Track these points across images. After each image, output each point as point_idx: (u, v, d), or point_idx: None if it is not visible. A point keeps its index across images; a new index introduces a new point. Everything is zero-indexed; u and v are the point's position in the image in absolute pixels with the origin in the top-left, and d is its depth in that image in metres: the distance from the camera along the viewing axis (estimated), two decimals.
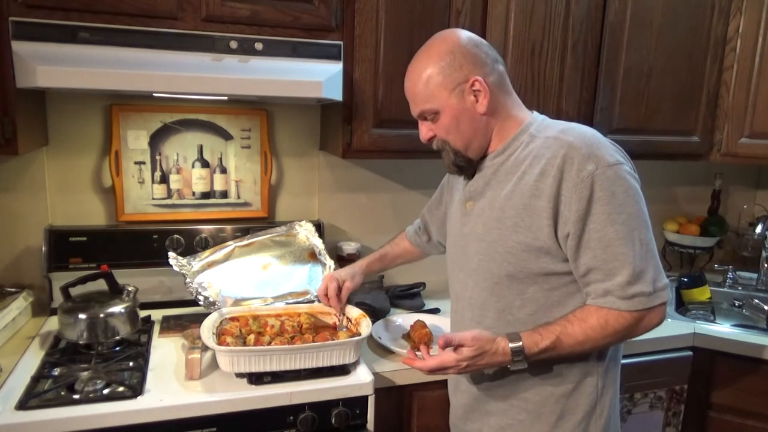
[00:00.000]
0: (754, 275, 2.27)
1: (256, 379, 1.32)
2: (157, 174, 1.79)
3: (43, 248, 1.66)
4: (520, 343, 1.09)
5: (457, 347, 1.12)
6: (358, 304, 1.61)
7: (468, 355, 1.10)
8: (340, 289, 1.48)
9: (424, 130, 1.21)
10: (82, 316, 1.43)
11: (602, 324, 1.07)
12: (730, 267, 2.30)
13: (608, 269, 1.05)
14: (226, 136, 1.85)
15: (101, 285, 1.50)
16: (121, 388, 1.27)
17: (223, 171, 1.86)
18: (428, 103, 1.16)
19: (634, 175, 1.09)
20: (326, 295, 1.49)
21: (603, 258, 1.05)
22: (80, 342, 1.43)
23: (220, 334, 1.38)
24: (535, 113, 1.21)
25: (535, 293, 1.13)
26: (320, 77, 1.48)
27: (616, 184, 1.04)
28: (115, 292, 1.51)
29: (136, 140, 1.76)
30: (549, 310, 1.13)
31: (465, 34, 1.17)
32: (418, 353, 1.20)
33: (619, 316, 1.06)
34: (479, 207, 1.20)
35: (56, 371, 1.34)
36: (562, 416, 1.16)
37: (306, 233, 1.81)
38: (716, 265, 2.37)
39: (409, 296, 1.92)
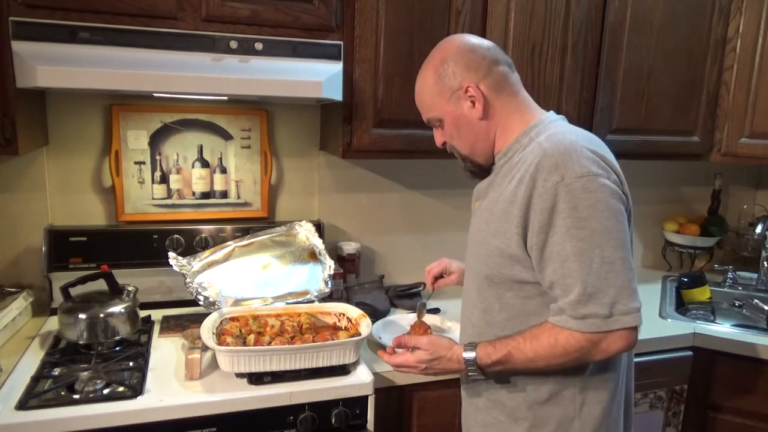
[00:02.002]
0: (754, 275, 2.27)
1: (256, 379, 1.32)
2: (157, 174, 1.79)
3: (43, 248, 1.66)
4: (473, 354, 1.12)
5: (413, 349, 1.20)
6: (358, 304, 1.61)
7: (423, 358, 1.18)
8: (442, 275, 1.52)
9: (437, 136, 1.25)
10: (82, 316, 1.43)
11: (552, 343, 1.05)
12: (730, 267, 2.30)
13: (564, 285, 1.02)
14: (226, 136, 1.85)
15: (101, 285, 1.50)
16: (121, 388, 1.27)
17: (223, 171, 1.86)
18: (432, 111, 1.20)
19: (612, 188, 1.02)
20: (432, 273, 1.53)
21: (561, 273, 1.02)
22: (80, 342, 1.43)
23: (220, 334, 1.38)
24: (549, 114, 1.18)
25: (511, 299, 1.13)
26: (320, 77, 1.48)
27: (580, 198, 1.00)
28: (115, 292, 1.51)
29: (136, 140, 1.76)
30: (526, 318, 1.12)
31: (462, 40, 1.17)
32: (398, 350, 1.27)
33: (569, 337, 1.03)
34: (482, 207, 1.20)
35: (56, 371, 1.34)
36: (534, 424, 1.14)
37: (306, 233, 1.81)
38: (716, 265, 2.37)
39: (409, 296, 1.92)
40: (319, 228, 1.89)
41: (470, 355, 1.12)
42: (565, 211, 1.00)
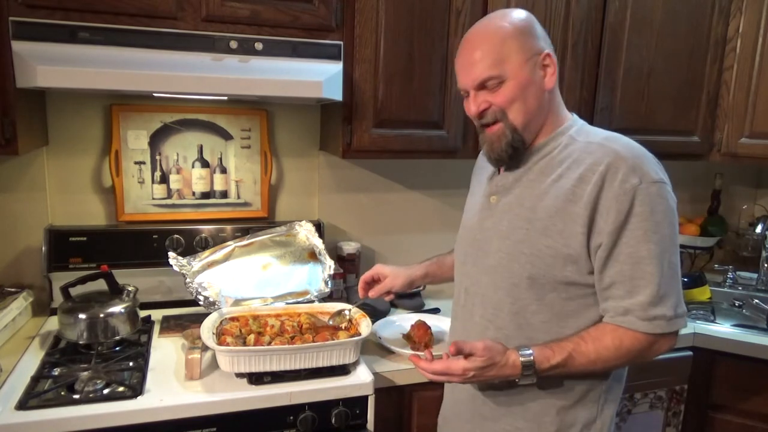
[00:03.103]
0: (754, 275, 2.27)
1: (256, 379, 1.32)
2: (157, 174, 1.79)
3: (43, 248, 1.66)
4: (531, 358, 1.06)
5: (467, 356, 1.08)
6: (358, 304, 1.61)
7: (477, 365, 1.07)
8: (374, 281, 1.44)
9: (479, 100, 1.10)
10: (82, 316, 1.42)
11: (617, 344, 1.05)
12: (730, 267, 2.30)
13: (632, 286, 1.03)
14: (226, 136, 1.85)
15: (101, 285, 1.50)
16: (121, 388, 1.27)
17: (223, 171, 1.86)
18: (497, 67, 1.07)
19: (674, 197, 1.08)
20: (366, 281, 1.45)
21: (630, 274, 1.03)
22: (80, 342, 1.43)
23: (220, 334, 1.38)
24: (575, 115, 1.18)
25: (552, 300, 1.10)
26: (320, 77, 1.48)
27: (657, 202, 1.03)
28: (115, 292, 1.51)
29: (136, 140, 1.76)
30: (563, 320, 1.10)
31: (528, 12, 1.15)
32: (420, 354, 1.16)
33: (634, 338, 1.04)
34: (505, 203, 1.16)
35: (56, 371, 1.34)
36: (560, 428, 1.14)
37: (306, 233, 1.81)
38: (716, 265, 2.37)
39: (409, 296, 1.92)
40: (319, 228, 1.89)
41: (528, 359, 1.06)
42: (642, 214, 1.02)
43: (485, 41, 1.09)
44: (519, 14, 1.12)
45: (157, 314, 1.69)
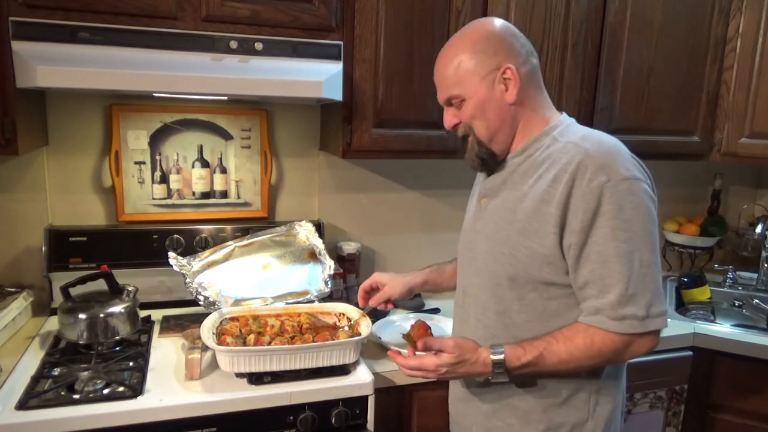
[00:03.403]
0: (754, 275, 2.27)
1: (256, 379, 1.32)
2: (157, 174, 1.79)
3: (43, 248, 1.66)
4: (502, 356, 1.08)
5: (437, 352, 1.12)
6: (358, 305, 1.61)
7: (447, 362, 1.10)
8: (373, 289, 1.46)
9: (449, 117, 1.17)
10: (82, 316, 1.42)
11: (588, 344, 1.05)
12: (730, 267, 2.30)
13: (603, 285, 1.03)
14: (226, 136, 1.85)
15: (101, 285, 1.50)
16: (121, 388, 1.27)
17: (223, 171, 1.86)
18: (456, 88, 1.13)
19: (650, 194, 1.05)
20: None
21: (600, 273, 1.03)
22: (80, 342, 1.43)
23: (220, 334, 1.38)
24: (564, 115, 1.18)
25: (533, 300, 1.12)
26: (320, 77, 1.48)
27: (626, 200, 1.01)
28: (115, 292, 1.51)
29: (136, 140, 1.76)
30: (547, 320, 1.11)
31: (502, 22, 1.15)
32: (403, 351, 1.20)
33: (606, 338, 1.04)
34: (493, 205, 1.18)
35: (56, 371, 1.34)
36: (549, 427, 1.14)
37: (306, 233, 1.81)
38: (716, 265, 2.37)
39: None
40: (319, 228, 1.89)
41: (498, 357, 1.08)
42: (609, 212, 1.01)
43: (445, 63, 1.14)
44: (482, 28, 1.14)
45: (157, 314, 1.69)
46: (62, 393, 1.24)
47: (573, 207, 1.03)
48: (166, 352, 1.47)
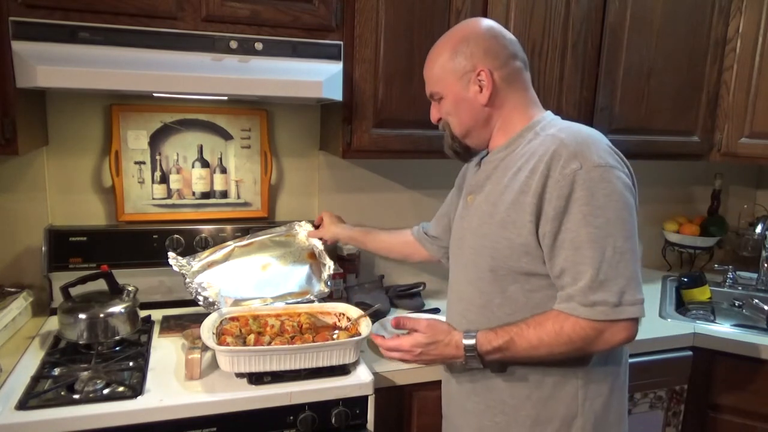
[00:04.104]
0: (754, 275, 2.27)
1: (256, 379, 1.32)
2: (157, 174, 1.79)
3: (43, 248, 1.66)
4: (473, 341, 1.11)
5: (411, 331, 1.18)
6: (358, 304, 1.61)
7: (421, 341, 1.15)
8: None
9: (434, 112, 1.25)
10: (82, 316, 1.42)
11: (557, 330, 1.05)
12: (730, 267, 2.30)
13: (576, 272, 1.03)
14: (226, 136, 1.85)
15: (101, 285, 1.50)
16: (121, 388, 1.27)
17: (223, 171, 1.86)
18: (436, 85, 1.20)
19: (626, 181, 1.05)
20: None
21: (573, 260, 1.03)
22: (80, 342, 1.43)
23: (220, 334, 1.38)
24: (548, 113, 1.20)
25: (515, 293, 1.12)
26: (320, 77, 1.48)
27: (598, 186, 1.01)
28: (115, 292, 1.51)
29: (136, 140, 1.76)
30: (529, 312, 1.11)
31: (487, 24, 1.17)
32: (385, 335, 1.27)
33: (576, 324, 1.03)
34: (478, 201, 1.20)
35: (56, 371, 1.34)
36: (537, 421, 1.13)
37: (306, 233, 1.81)
38: (716, 265, 2.37)
39: (409, 296, 1.92)
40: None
41: (470, 341, 1.11)
42: (582, 198, 1.01)
43: (430, 61, 1.21)
44: (465, 29, 1.18)
45: (157, 314, 1.69)
46: (62, 393, 1.24)
47: (548, 195, 1.04)
48: (166, 352, 1.47)
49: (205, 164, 1.84)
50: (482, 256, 1.15)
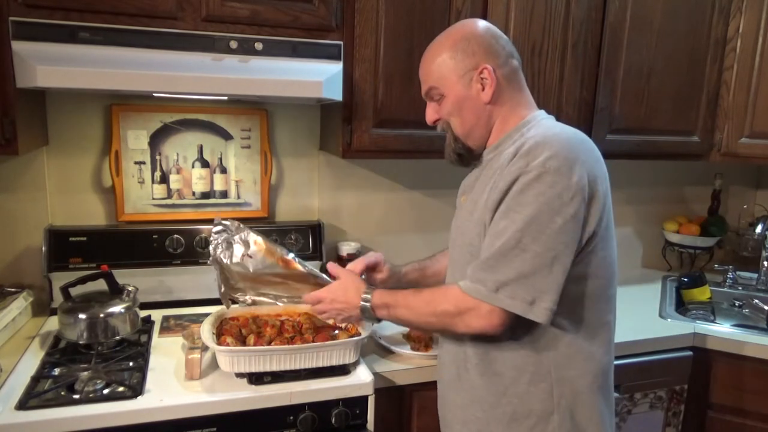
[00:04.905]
0: (754, 275, 2.27)
1: (256, 379, 1.32)
2: (157, 174, 1.79)
3: (43, 248, 1.66)
4: (369, 295, 1.22)
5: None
6: None
7: (323, 296, 1.28)
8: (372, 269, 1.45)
9: (430, 112, 1.24)
10: (82, 316, 1.43)
11: (429, 299, 1.13)
12: (730, 267, 2.30)
13: (482, 254, 1.08)
14: (226, 136, 1.85)
15: (101, 285, 1.50)
16: (121, 388, 1.27)
17: (223, 171, 1.86)
18: (436, 83, 1.19)
19: (569, 191, 1.00)
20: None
21: (486, 245, 1.08)
22: (80, 342, 1.43)
23: (220, 334, 1.38)
24: (541, 112, 1.21)
25: None
26: (320, 77, 1.48)
27: (531, 185, 1.02)
28: (115, 292, 1.51)
29: (136, 140, 1.76)
30: None
31: (484, 24, 1.19)
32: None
33: (449, 293, 1.10)
34: (468, 201, 1.22)
35: (56, 371, 1.34)
36: (514, 417, 1.13)
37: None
38: (716, 265, 2.37)
39: None
40: (319, 228, 1.89)
41: (367, 295, 1.22)
42: (512, 193, 1.04)
43: (428, 59, 1.21)
44: (464, 28, 1.18)
45: (157, 314, 1.69)
46: (62, 393, 1.24)
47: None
48: (166, 352, 1.47)
49: (205, 164, 1.84)
50: (463, 254, 1.18)
